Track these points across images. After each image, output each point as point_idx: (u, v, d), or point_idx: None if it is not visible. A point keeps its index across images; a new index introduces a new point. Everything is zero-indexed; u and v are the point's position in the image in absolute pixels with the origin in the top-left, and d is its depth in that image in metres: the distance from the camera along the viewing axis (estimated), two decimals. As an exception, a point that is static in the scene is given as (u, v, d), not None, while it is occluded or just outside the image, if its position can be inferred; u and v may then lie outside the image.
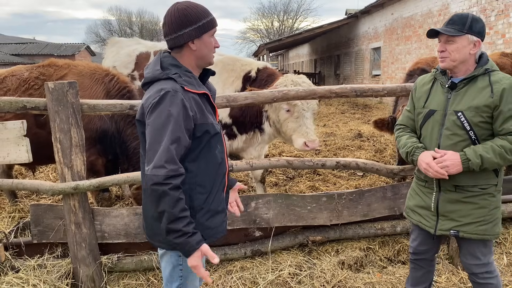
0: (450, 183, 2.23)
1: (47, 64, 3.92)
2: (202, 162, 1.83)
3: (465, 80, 2.19)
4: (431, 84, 2.35)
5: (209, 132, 1.82)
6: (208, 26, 1.81)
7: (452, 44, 2.16)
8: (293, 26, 50.33)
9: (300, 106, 3.37)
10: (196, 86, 1.82)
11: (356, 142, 8.17)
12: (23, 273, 2.99)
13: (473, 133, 2.15)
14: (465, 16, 2.15)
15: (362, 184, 5.43)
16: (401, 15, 14.68)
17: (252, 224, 3.27)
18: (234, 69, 4.24)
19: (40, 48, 33.43)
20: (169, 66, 1.80)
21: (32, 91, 3.68)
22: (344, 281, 3.11)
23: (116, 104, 2.88)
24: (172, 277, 1.99)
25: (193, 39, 1.79)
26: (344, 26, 20.65)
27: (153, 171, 1.64)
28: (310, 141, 3.27)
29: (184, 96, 1.73)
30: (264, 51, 21.03)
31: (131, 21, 53.18)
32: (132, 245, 3.19)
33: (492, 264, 2.35)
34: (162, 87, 1.72)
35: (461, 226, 2.24)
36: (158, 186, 1.63)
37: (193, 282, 2.03)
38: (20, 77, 3.79)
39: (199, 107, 1.79)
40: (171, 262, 1.96)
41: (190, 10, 1.78)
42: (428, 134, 2.30)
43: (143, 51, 5.51)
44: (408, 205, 2.52)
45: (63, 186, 2.83)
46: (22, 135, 2.87)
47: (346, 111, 13.73)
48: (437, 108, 2.26)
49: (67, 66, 3.80)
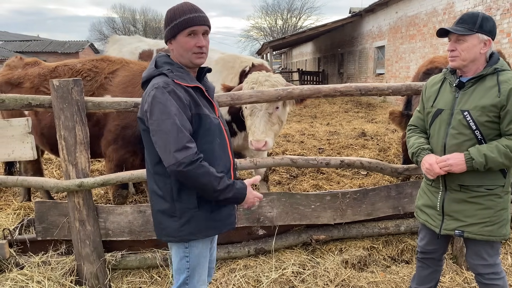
0: (456, 183, 2.22)
1: (100, 58, 3.94)
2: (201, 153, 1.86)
3: (473, 79, 2.17)
4: (441, 83, 2.35)
5: (204, 122, 1.89)
6: (180, 26, 1.85)
7: (462, 44, 2.14)
8: (297, 25, 50.27)
9: (253, 105, 3.28)
10: (188, 81, 1.89)
11: (360, 141, 8.15)
12: (27, 269, 3.00)
13: (479, 133, 2.13)
14: (476, 15, 2.13)
15: (366, 183, 5.42)
16: (405, 13, 14.62)
17: (255, 222, 3.27)
18: (234, 66, 4.25)
19: (44, 46, 33.51)
20: (163, 64, 1.92)
21: (84, 82, 3.62)
22: (347, 280, 3.10)
23: (121, 102, 2.88)
24: (179, 269, 2.06)
25: (169, 39, 1.91)
26: (348, 24, 20.59)
27: (179, 155, 1.74)
28: (254, 140, 3.18)
29: (176, 87, 1.82)
30: (268, 49, 20.97)
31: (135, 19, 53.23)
32: (136, 243, 3.20)
33: (499, 265, 2.33)
34: (154, 83, 1.84)
35: (466, 226, 2.22)
36: (191, 165, 1.75)
37: (200, 275, 2.10)
38: (72, 67, 3.80)
39: (192, 98, 1.87)
40: (178, 254, 2.03)
41: (170, 11, 1.88)
42: (436, 134, 2.30)
43: (146, 49, 5.51)
44: (417, 205, 2.52)
45: (68, 184, 2.83)
46: (27, 132, 2.88)
47: (349, 109, 13.70)
48: (445, 107, 2.25)
49: (119, 62, 3.80)
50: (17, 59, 4.29)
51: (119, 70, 3.71)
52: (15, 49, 31.92)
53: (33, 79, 3.87)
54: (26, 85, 3.87)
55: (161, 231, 2.01)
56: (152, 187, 1.99)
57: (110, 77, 3.66)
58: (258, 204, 1.98)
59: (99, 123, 3.58)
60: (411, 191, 3.42)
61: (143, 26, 52.47)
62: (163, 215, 1.95)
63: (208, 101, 1.98)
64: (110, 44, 6.07)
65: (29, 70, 4.01)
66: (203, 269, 2.10)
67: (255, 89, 3.26)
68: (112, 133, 3.55)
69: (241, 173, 5.85)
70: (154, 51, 5.42)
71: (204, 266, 2.10)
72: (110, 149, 3.58)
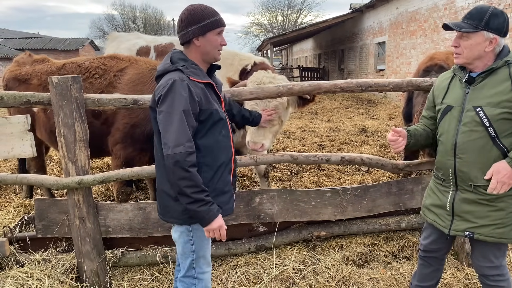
0: (467, 182, 2.15)
1: (108, 56, 3.93)
2: (207, 144, 2.06)
3: (483, 73, 2.09)
4: (450, 79, 2.28)
5: (214, 116, 2.06)
6: (212, 25, 2.05)
7: (465, 40, 2.07)
8: (297, 21, 50.13)
9: (253, 106, 3.30)
10: (202, 77, 2.07)
11: (361, 137, 8.14)
12: (27, 267, 3.00)
13: (492, 130, 2.04)
14: (484, 11, 2.02)
15: (366, 179, 5.41)
16: (406, 9, 14.55)
17: (256, 219, 3.27)
18: (232, 63, 4.22)
19: (45, 43, 33.49)
20: (177, 60, 2.07)
21: (93, 80, 3.64)
22: (348, 276, 3.10)
23: (120, 99, 2.87)
24: (185, 253, 2.21)
25: (197, 36, 2.05)
26: (349, 20, 20.52)
27: (175, 150, 1.89)
28: (251, 142, 3.20)
29: (190, 84, 1.98)
30: (268, 45, 20.92)
31: (135, 16, 53.14)
32: (136, 240, 3.19)
33: (505, 267, 2.28)
34: (170, 77, 1.98)
35: (477, 228, 2.15)
36: (181, 163, 1.88)
37: (205, 257, 2.25)
38: (80, 65, 3.79)
39: (204, 94, 2.04)
40: (182, 238, 2.18)
41: (196, 11, 2.04)
42: (445, 131, 2.22)
43: (143, 45, 5.49)
44: (424, 204, 2.45)
45: (67, 181, 2.82)
46: (26, 129, 2.87)
47: (350, 106, 13.67)
48: (455, 103, 2.18)
49: (128, 60, 3.78)
50: (26, 55, 4.30)
51: (128, 68, 3.69)
52: (15, 47, 31.89)
53: (40, 76, 3.86)
54: (33, 82, 3.87)
55: (166, 213, 2.16)
56: (160, 169, 2.14)
57: (119, 75, 3.64)
58: (216, 237, 2.05)
59: (107, 121, 3.57)
60: (412, 188, 3.41)
61: (143, 23, 52.39)
62: (169, 197, 2.10)
63: (218, 96, 2.17)
64: (109, 41, 6.06)
65: (37, 67, 4.00)
66: (207, 251, 2.26)
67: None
68: (120, 131, 3.54)
69: (242, 170, 5.85)
70: (151, 48, 5.40)
71: (207, 248, 2.26)
72: (118, 147, 3.57)
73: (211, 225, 2.00)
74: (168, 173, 1.96)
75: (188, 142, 1.91)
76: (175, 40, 5.59)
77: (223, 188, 2.15)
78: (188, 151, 1.90)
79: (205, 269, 2.26)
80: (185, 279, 2.24)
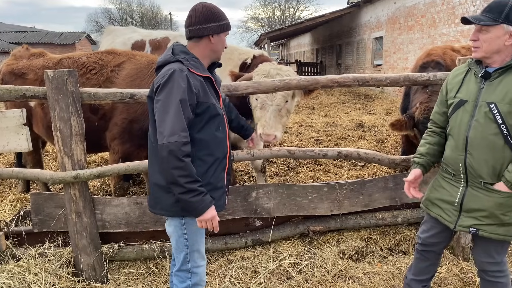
0: (478, 179, 2.12)
1: (106, 51, 3.90)
2: (203, 138, 2.07)
3: (500, 69, 2.05)
4: (465, 74, 2.23)
5: (211, 110, 2.08)
6: (226, 27, 2.15)
7: (485, 34, 2.02)
8: (295, 15, 49.96)
9: (263, 98, 3.29)
10: (201, 70, 2.09)
11: (358, 132, 8.15)
12: (24, 261, 2.99)
13: (505, 127, 1.99)
14: (504, 4, 1.98)
15: (363, 174, 5.42)
16: (403, 4, 14.52)
17: (253, 213, 3.27)
18: (231, 58, 4.21)
19: (40, 37, 33.24)
20: (179, 52, 2.10)
21: (90, 75, 3.61)
22: (344, 270, 3.11)
23: (116, 93, 2.85)
24: (179, 247, 2.21)
25: (214, 33, 2.11)
26: (346, 15, 20.46)
27: (170, 139, 1.89)
28: (264, 134, 3.21)
29: (189, 75, 2.00)
30: (266, 40, 20.83)
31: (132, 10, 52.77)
32: (132, 234, 3.19)
33: (505, 263, 2.28)
34: (170, 67, 2.01)
35: (482, 225, 2.13)
36: (175, 152, 1.88)
37: (199, 251, 2.26)
38: (77, 60, 3.75)
39: (202, 87, 2.06)
40: (176, 232, 2.19)
41: (216, 10, 2.12)
42: (456, 125, 2.18)
43: (138, 39, 5.47)
44: (429, 197, 2.40)
45: (64, 175, 2.82)
46: (21, 123, 2.86)
47: (347, 101, 13.67)
48: (468, 98, 2.13)
49: (125, 55, 3.75)
50: (23, 49, 4.25)
51: (126, 62, 3.67)
52: (10, 40, 31.66)
53: (37, 71, 3.82)
54: (30, 77, 3.83)
55: (156, 205, 2.16)
56: (152, 161, 2.15)
57: (116, 70, 3.61)
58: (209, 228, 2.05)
59: (105, 116, 3.55)
60: (408, 182, 3.41)
61: (140, 17, 52.05)
62: (160, 189, 2.09)
63: (216, 92, 2.19)
64: (105, 35, 6.05)
65: (34, 61, 3.96)
66: (201, 245, 2.26)
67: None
68: (118, 127, 3.52)
69: (239, 164, 5.85)
70: (146, 42, 5.38)
71: (201, 242, 2.26)
72: (116, 142, 3.56)
73: (203, 216, 1.99)
74: (161, 162, 1.95)
75: (183, 132, 1.92)
76: (170, 34, 5.56)
77: (216, 183, 2.15)
78: (183, 141, 1.90)
79: (200, 263, 2.26)
80: (180, 273, 2.25)
